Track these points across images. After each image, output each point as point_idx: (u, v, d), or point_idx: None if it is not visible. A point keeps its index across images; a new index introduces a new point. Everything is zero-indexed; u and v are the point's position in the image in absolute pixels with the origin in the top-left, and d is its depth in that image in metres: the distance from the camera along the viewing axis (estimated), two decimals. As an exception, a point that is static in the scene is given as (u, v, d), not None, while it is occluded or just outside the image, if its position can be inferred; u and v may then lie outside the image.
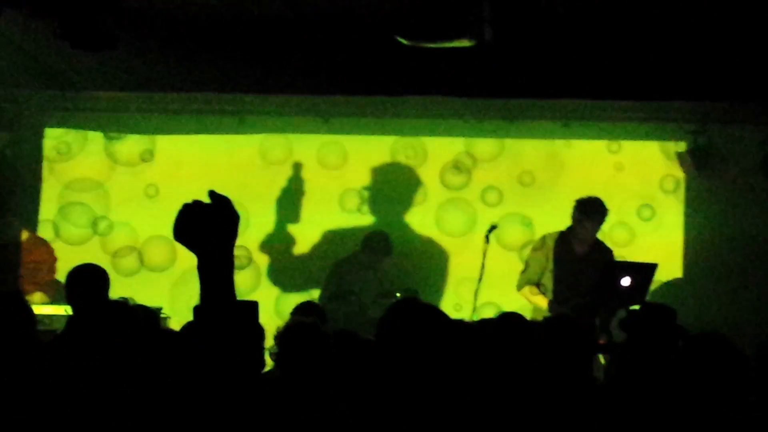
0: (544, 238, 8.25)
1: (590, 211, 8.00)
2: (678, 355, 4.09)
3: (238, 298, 3.02)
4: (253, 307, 3.20)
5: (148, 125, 9.64)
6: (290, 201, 9.67)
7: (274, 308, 9.24)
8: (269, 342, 5.01)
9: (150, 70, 8.35)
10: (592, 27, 7.55)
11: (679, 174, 9.54)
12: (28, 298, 8.06)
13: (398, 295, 8.36)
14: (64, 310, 7.07)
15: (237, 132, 9.65)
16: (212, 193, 2.91)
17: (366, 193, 9.70)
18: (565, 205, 8.25)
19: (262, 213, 9.57)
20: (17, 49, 8.02)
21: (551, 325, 4.91)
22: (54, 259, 8.62)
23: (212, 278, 2.93)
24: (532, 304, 8.12)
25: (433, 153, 9.77)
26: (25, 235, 8.71)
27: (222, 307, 2.96)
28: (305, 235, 9.68)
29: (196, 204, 2.91)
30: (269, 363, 5.00)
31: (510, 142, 9.70)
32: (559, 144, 9.63)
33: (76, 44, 7.18)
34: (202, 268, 2.93)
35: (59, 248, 9.05)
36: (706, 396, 3.91)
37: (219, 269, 2.94)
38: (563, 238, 8.11)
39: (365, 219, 9.63)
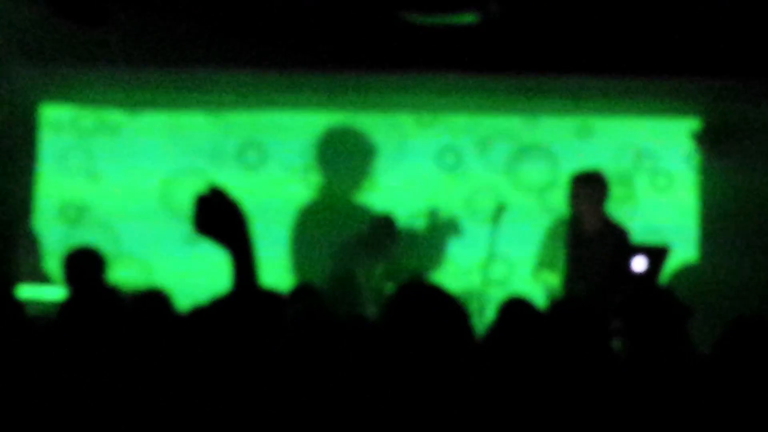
0: (555, 222, 8.17)
1: (581, 182, 7.89)
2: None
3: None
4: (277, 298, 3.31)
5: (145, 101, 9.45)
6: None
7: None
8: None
9: (145, 45, 8.23)
10: (600, 1, 7.51)
11: (696, 152, 9.37)
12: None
13: (404, 278, 8.26)
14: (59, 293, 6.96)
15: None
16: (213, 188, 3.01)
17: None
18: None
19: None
20: (8, 26, 7.94)
21: (558, 310, 4.82)
22: None
23: (241, 268, 3.03)
24: (547, 286, 7.99)
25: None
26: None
27: (249, 297, 3.07)
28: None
29: (213, 195, 3.01)
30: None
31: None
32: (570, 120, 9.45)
33: (68, 19, 7.09)
34: (232, 259, 3.03)
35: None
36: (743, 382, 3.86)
37: (246, 259, 3.04)
38: (574, 220, 7.98)
39: (373, 200, 9.43)
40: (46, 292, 7.55)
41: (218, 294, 3.69)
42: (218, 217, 3.02)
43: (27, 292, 7.64)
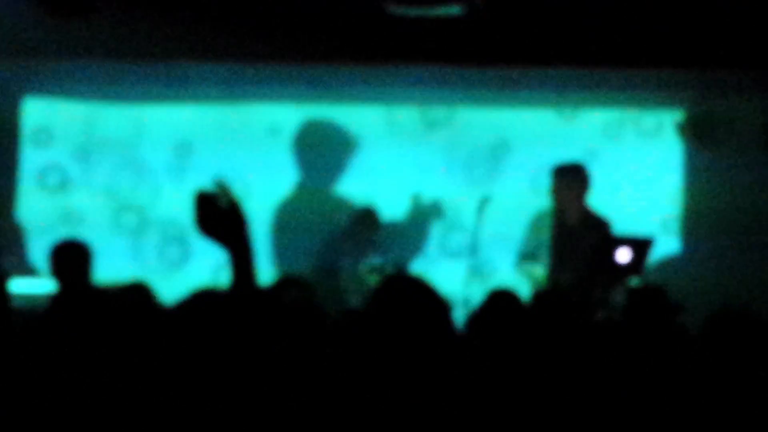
0: (537, 214, 8.18)
1: (561, 174, 7.95)
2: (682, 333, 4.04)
3: None
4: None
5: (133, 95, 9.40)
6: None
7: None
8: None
9: (131, 38, 8.19)
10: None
11: (679, 144, 9.37)
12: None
13: (387, 270, 8.25)
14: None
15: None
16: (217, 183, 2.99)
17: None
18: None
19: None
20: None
21: (542, 301, 4.83)
22: None
23: (240, 267, 3.03)
24: (530, 278, 7.99)
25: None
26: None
27: (248, 295, 3.07)
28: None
29: (211, 194, 2.99)
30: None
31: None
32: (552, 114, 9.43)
33: (52, 11, 7.05)
34: (232, 259, 3.02)
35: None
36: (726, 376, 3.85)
37: (246, 258, 3.03)
38: (556, 212, 8.01)
39: (356, 192, 9.41)
40: (32, 285, 7.55)
41: (201, 287, 3.68)
42: (218, 216, 3.00)
43: (12, 285, 7.63)
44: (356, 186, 9.32)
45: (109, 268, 7.45)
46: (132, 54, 8.57)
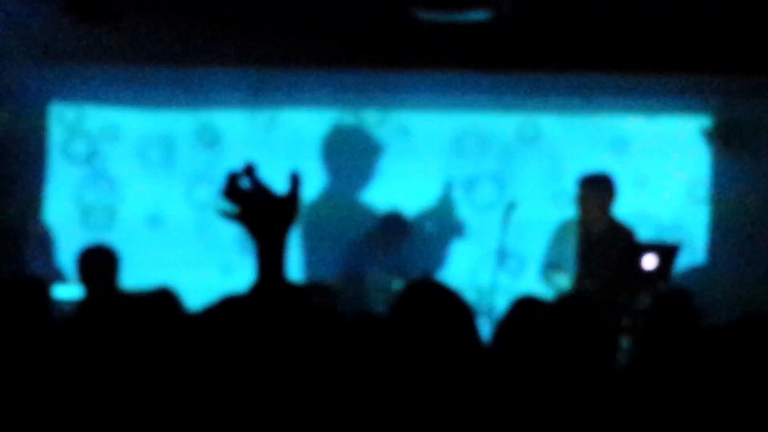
0: (561, 224, 8.13)
1: (588, 184, 7.91)
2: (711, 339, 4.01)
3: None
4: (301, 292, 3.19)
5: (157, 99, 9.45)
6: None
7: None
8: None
9: (158, 43, 8.22)
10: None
11: (707, 150, 9.34)
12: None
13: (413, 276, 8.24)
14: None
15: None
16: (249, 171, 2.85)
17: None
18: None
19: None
20: (19, 23, 7.93)
21: (564, 307, 4.79)
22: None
23: (269, 263, 2.91)
24: (557, 287, 7.97)
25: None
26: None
27: (276, 292, 2.96)
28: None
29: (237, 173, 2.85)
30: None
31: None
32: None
33: (81, 17, 7.07)
34: (260, 252, 2.90)
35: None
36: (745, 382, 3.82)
37: (273, 252, 2.91)
38: (582, 221, 7.99)
39: (382, 198, 9.42)
40: (59, 290, 7.59)
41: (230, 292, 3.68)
42: (241, 197, 2.89)
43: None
44: (383, 192, 9.36)
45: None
46: (157, 60, 8.60)
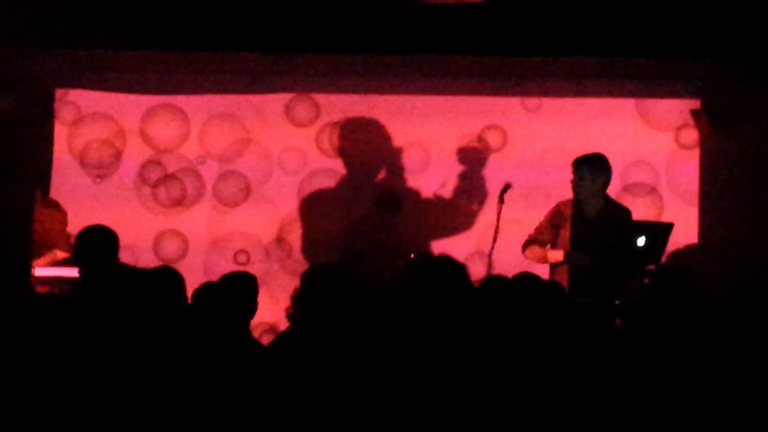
0: (557, 205, 8.14)
1: (582, 164, 7.89)
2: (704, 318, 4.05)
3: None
4: None
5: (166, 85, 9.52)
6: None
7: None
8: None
9: (166, 28, 8.25)
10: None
11: (695, 133, 9.42)
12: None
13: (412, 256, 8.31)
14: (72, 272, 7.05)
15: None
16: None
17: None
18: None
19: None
20: (25, 5, 7.96)
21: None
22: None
23: None
24: (533, 257, 8.03)
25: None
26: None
27: None
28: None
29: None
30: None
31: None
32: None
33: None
34: None
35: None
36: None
37: None
38: (576, 202, 7.98)
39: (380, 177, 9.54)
40: (61, 270, 7.69)
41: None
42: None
43: (42, 270, 7.78)
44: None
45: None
46: (167, 44, 8.64)
